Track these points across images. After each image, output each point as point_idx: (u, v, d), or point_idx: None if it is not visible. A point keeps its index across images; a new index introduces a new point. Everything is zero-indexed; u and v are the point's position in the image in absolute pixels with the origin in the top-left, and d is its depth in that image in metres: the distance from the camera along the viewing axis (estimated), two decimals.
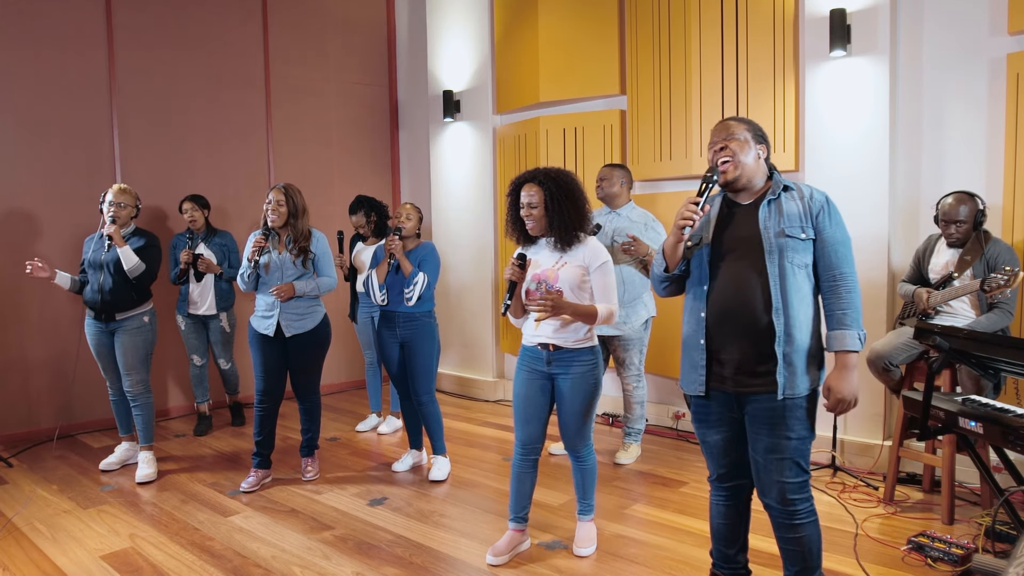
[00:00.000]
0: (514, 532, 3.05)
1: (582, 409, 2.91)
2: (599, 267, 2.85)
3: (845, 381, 2.20)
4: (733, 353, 2.24)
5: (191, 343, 5.00)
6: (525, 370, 2.97)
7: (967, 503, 3.44)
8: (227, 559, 3.04)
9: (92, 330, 4.02)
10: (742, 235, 2.27)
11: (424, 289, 3.79)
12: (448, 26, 6.04)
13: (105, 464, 4.15)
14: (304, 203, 3.81)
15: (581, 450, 3.00)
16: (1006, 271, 3.05)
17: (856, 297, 2.22)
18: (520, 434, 3.00)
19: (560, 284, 2.83)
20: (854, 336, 2.19)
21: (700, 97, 4.52)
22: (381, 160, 6.71)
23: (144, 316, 4.03)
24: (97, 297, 3.92)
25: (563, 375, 2.89)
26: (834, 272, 2.22)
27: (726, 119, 2.37)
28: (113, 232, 3.86)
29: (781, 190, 2.29)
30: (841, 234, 2.25)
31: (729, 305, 2.23)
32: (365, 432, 5.00)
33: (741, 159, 2.28)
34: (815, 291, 2.27)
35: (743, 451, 2.35)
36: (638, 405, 4.24)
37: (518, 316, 2.94)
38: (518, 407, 2.99)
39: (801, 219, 2.23)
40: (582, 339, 2.87)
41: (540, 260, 2.90)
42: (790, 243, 2.20)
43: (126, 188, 4.04)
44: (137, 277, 3.92)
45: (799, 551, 2.27)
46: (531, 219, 2.86)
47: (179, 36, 5.45)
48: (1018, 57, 3.51)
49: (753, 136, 2.31)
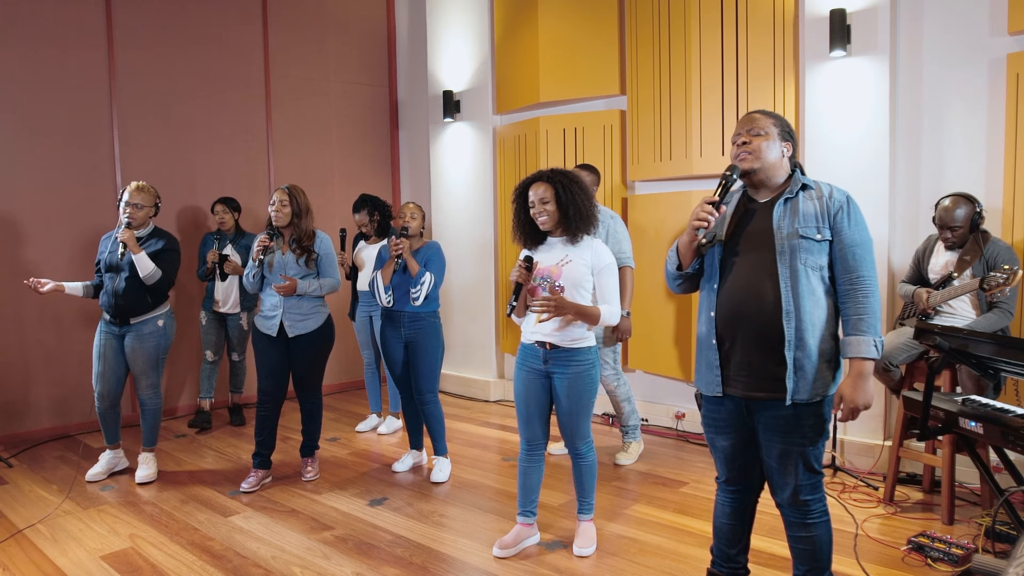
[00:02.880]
0: (522, 526, 3.07)
1: (580, 407, 2.92)
2: (604, 268, 2.87)
3: (860, 390, 2.11)
4: (742, 356, 2.19)
5: (208, 339, 5.08)
6: (524, 368, 2.98)
7: (967, 503, 3.44)
8: (227, 559, 3.04)
9: (104, 332, 3.89)
10: (755, 234, 2.20)
11: (431, 289, 3.79)
12: (448, 26, 6.04)
13: (91, 475, 3.98)
14: (308, 203, 3.82)
15: (581, 447, 3.01)
16: (1005, 270, 3.05)
17: (875, 302, 2.12)
18: (524, 432, 3.03)
19: (563, 280, 2.85)
20: (870, 343, 2.10)
21: (700, 97, 4.52)
22: (381, 160, 6.71)
23: (159, 320, 3.90)
24: (111, 300, 3.79)
25: (560, 374, 2.90)
26: (852, 275, 2.14)
27: (754, 111, 2.29)
28: (127, 238, 3.71)
29: (799, 189, 2.22)
30: (860, 236, 2.16)
31: (738, 307, 2.18)
32: (365, 432, 5.00)
33: (763, 152, 2.20)
34: (830, 294, 2.18)
35: (752, 456, 2.32)
36: (625, 402, 4.23)
37: (521, 316, 2.95)
38: (519, 406, 3.01)
39: (817, 219, 2.15)
40: (579, 338, 2.88)
41: (545, 258, 2.92)
42: (804, 244, 2.13)
43: (144, 186, 3.87)
44: (153, 284, 3.80)
45: (810, 551, 2.26)
46: (544, 214, 2.86)
47: (179, 36, 5.45)
48: (1018, 57, 3.51)
49: (780, 132, 2.23)
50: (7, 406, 4.82)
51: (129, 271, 3.79)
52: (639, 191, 5.02)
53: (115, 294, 3.79)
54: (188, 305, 5.50)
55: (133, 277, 3.79)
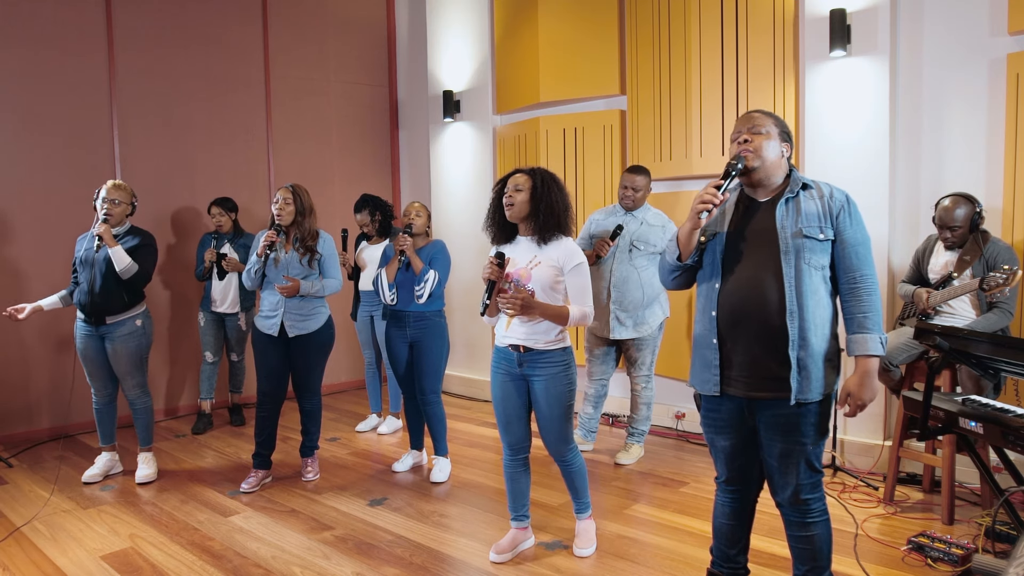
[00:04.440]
0: (516, 530, 3.06)
1: (558, 411, 2.85)
2: (574, 268, 2.79)
3: (866, 387, 2.13)
4: (744, 356, 2.18)
5: (207, 340, 5.07)
6: (500, 372, 2.93)
7: (967, 503, 3.44)
8: (227, 559, 3.04)
9: (81, 333, 3.85)
10: (758, 233, 2.20)
11: (435, 287, 3.79)
12: (448, 26, 6.04)
13: (87, 476, 3.97)
14: (311, 203, 3.82)
15: (566, 454, 2.95)
16: (1005, 270, 3.05)
17: (877, 300, 2.15)
18: (505, 437, 2.97)
19: (532, 284, 2.79)
20: (876, 340, 2.12)
21: (700, 97, 4.53)
22: (381, 160, 6.71)
23: (137, 319, 3.87)
24: (87, 299, 3.76)
25: (536, 377, 2.84)
26: (854, 274, 2.16)
27: (752, 111, 2.29)
28: (103, 231, 3.70)
29: (800, 188, 2.22)
30: (862, 235, 2.18)
31: (741, 306, 2.17)
32: (365, 432, 5.00)
33: (764, 151, 2.20)
34: (831, 293, 2.20)
35: (752, 456, 2.32)
36: (645, 406, 4.23)
37: (493, 315, 2.88)
38: (498, 411, 2.95)
39: (820, 219, 2.16)
40: (553, 340, 2.82)
41: (515, 259, 2.85)
42: (807, 243, 2.14)
43: (121, 184, 3.88)
44: (130, 278, 3.77)
45: (810, 550, 2.26)
46: (512, 200, 2.80)
47: (179, 36, 5.46)
48: (1018, 57, 3.51)
49: (779, 132, 2.24)
50: (7, 406, 4.82)
51: (106, 267, 3.74)
52: None
53: (91, 291, 3.75)
54: (187, 306, 5.50)
55: (109, 274, 3.74)
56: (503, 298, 2.71)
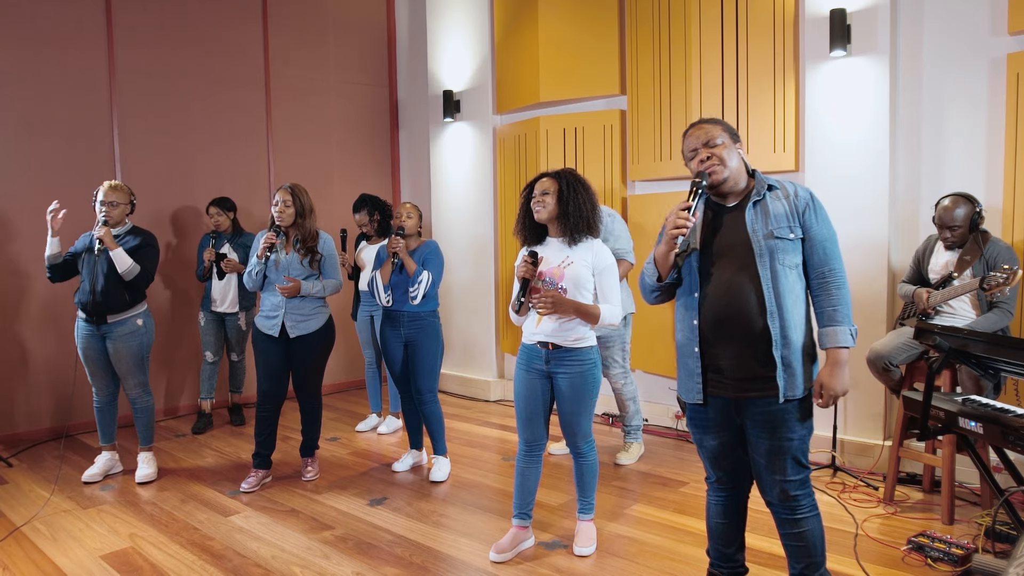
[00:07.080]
0: (518, 529, 3.06)
1: (582, 407, 2.93)
2: (604, 269, 2.89)
3: (838, 378, 2.18)
4: (730, 359, 2.22)
5: (207, 339, 5.07)
6: (524, 369, 2.99)
7: (967, 503, 3.44)
8: (227, 559, 3.04)
9: (82, 332, 3.87)
10: (731, 239, 2.24)
11: (429, 287, 3.80)
12: (448, 26, 6.04)
13: (87, 476, 3.97)
14: (311, 203, 3.82)
15: (582, 446, 3.01)
16: (1005, 270, 3.05)
17: (846, 292, 2.21)
18: (523, 432, 3.02)
19: (565, 282, 2.86)
20: (846, 332, 2.19)
21: (700, 97, 4.53)
22: (381, 160, 6.71)
23: (138, 319, 3.88)
24: (89, 299, 3.77)
25: (562, 374, 2.90)
26: (823, 269, 2.21)
27: (700, 121, 2.32)
28: (104, 235, 3.71)
29: (766, 190, 2.26)
30: (828, 230, 2.23)
31: (723, 311, 2.21)
32: (365, 432, 5.00)
33: (727, 161, 2.23)
34: (805, 289, 2.26)
35: (741, 454, 2.34)
36: (630, 402, 4.24)
37: (525, 313, 2.95)
38: (519, 406, 3.01)
39: (788, 219, 2.21)
40: (581, 338, 2.89)
41: (547, 258, 2.92)
42: (780, 244, 2.19)
43: (117, 185, 3.88)
44: (132, 279, 3.78)
45: (803, 546, 2.27)
46: (541, 204, 2.89)
47: (179, 36, 5.46)
48: (1018, 57, 3.51)
49: (730, 136, 2.28)
50: (7, 406, 4.82)
51: (108, 267, 3.75)
52: (639, 191, 5.02)
53: (93, 291, 3.76)
54: (187, 306, 5.50)
55: (112, 274, 3.76)
56: (536, 296, 2.80)
